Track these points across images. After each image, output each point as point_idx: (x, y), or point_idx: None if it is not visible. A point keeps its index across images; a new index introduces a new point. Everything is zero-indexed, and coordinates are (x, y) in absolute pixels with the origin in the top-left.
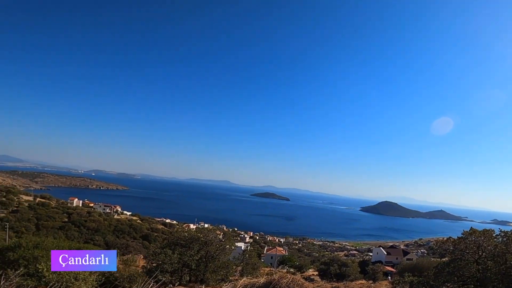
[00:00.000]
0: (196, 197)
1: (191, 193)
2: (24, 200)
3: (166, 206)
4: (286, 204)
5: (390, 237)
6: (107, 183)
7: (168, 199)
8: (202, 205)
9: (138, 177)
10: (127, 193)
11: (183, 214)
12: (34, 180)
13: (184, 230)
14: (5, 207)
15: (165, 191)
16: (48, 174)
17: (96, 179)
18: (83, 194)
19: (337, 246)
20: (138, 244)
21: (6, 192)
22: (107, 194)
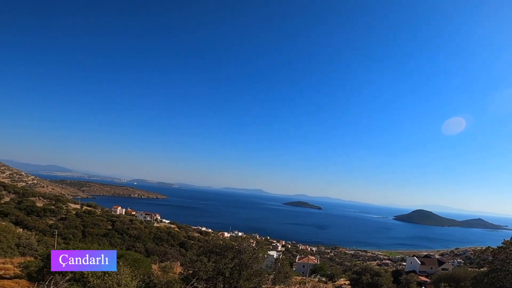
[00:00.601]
0: (230, 206)
1: (225, 202)
2: (71, 208)
3: (202, 215)
4: (318, 213)
5: (425, 247)
6: (147, 192)
7: (203, 208)
8: (236, 213)
9: (176, 186)
10: (166, 202)
11: (217, 222)
12: (81, 189)
13: (219, 238)
14: (54, 215)
15: (201, 200)
16: (94, 183)
17: (138, 188)
18: (126, 203)
19: (369, 255)
20: (175, 251)
21: (56, 201)
22: (147, 203)
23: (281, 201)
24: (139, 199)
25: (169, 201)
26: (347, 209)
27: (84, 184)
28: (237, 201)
